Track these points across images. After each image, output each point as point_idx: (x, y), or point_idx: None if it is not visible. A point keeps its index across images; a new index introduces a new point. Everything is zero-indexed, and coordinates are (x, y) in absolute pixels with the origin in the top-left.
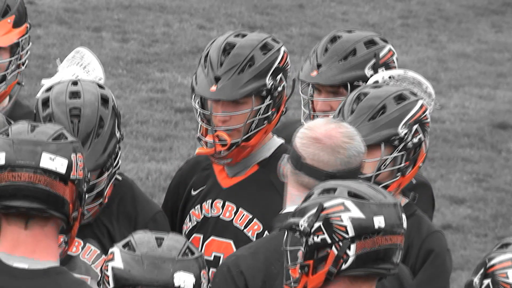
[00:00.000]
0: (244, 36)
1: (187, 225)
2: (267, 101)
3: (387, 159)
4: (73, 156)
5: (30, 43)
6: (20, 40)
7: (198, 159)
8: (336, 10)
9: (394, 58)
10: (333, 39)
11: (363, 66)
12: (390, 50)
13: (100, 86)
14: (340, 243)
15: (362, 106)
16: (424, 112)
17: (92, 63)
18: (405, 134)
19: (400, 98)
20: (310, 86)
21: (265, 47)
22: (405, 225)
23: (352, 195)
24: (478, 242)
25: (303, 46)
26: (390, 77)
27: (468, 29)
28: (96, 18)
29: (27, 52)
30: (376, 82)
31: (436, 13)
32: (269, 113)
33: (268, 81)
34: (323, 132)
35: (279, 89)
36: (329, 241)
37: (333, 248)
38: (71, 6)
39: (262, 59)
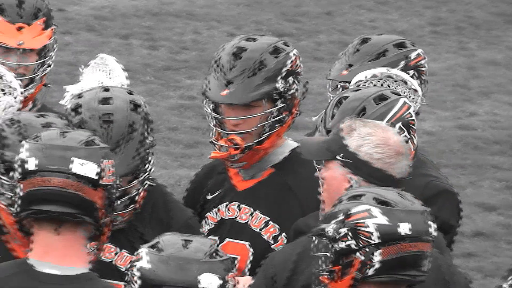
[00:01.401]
0: (254, 40)
1: (204, 229)
2: (279, 104)
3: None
4: (103, 162)
5: (56, 46)
6: (48, 43)
7: (213, 164)
8: (365, 18)
9: (425, 62)
10: (364, 41)
11: (393, 67)
12: (420, 54)
13: (131, 92)
14: (365, 249)
15: (342, 109)
16: (407, 109)
17: (115, 69)
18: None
19: (380, 98)
20: (341, 86)
21: (275, 51)
22: (433, 232)
23: (379, 201)
24: (509, 249)
25: (331, 53)
26: (373, 76)
27: (497, 36)
28: (125, 25)
29: (52, 55)
30: (360, 81)
31: (466, 21)
32: (281, 116)
33: (279, 84)
34: (396, 144)
35: (291, 91)
36: (354, 247)
37: (359, 254)
38: (100, 14)
39: (273, 62)
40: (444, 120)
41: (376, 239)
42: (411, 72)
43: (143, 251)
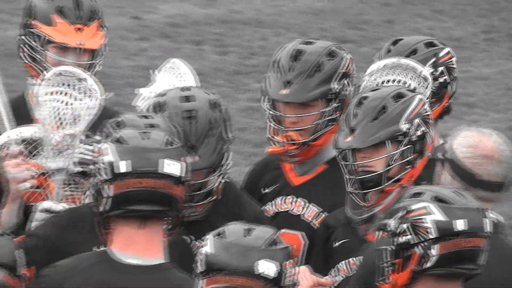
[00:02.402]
0: (311, 43)
1: None
2: (333, 104)
3: (394, 154)
4: (184, 159)
5: (106, 48)
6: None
7: (267, 160)
8: (423, 25)
9: (454, 60)
10: (395, 42)
11: (424, 64)
12: (449, 52)
13: (209, 93)
14: (424, 244)
15: (364, 109)
16: (423, 106)
17: (186, 73)
18: (408, 129)
19: (398, 96)
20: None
21: (331, 54)
22: (488, 228)
23: (437, 199)
24: None
25: None
26: (384, 66)
27: None
28: (197, 32)
29: (103, 54)
30: (373, 71)
31: None
32: (335, 115)
33: (334, 85)
34: (488, 148)
35: (345, 92)
36: (413, 241)
37: (417, 248)
38: (174, 21)
39: (329, 64)
40: (497, 122)
41: (433, 234)
42: (441, 69)
43: (210, 237)
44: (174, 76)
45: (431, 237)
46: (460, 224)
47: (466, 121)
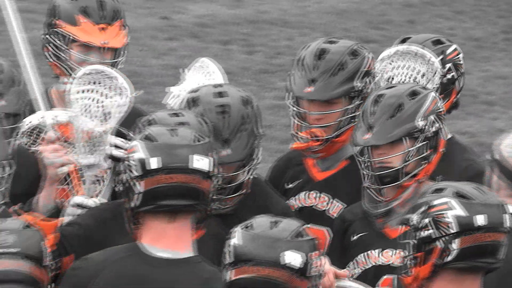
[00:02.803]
0: (334, 42)
1: None
2: (356, 102)
3: (411, 150)
4: (212, 154)
5: (128, 46)
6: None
7: (290, 156)
8: (443, 26)
9: (461, 56)
10: (403, 40)
11: None
12: (456, 49)
13: (240, 90)
14: (445, 238)
15: (381, 106)
16: (437, 102)
17: (215, 71)
18: (423, 125)
19: (413, 94)
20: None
21: (353, 53)
22: (508, 224)
23: (458, 195)
24: None
25: None
26: (395, 52)
27: None
28: (225, 32)
29: (125, 53)
30: (384, 57)
31: None
32: (357, 112)
33: (357, 83)
34: None
35: (367, 90)
36: (435, 236)
37: (439, 242)
38: (202, 21)
39: (352, 63)
40: None
41: (454, 229)
42: (448, 65)
43: (238, 229)
44: (203, 75)
45: (452, 231)
46: (480, 219)
47: (486, 118)
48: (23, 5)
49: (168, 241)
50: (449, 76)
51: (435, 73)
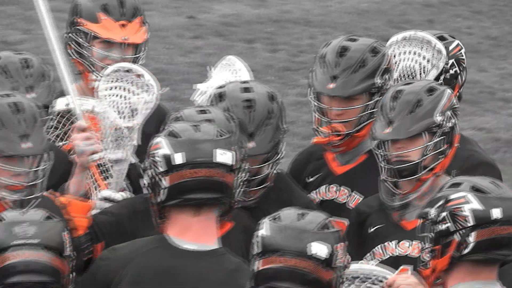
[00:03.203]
0: (355, 40)
1: None
2: (376, 98)
3: (429, 145)
4: (234, 148)
5: (148, 43)
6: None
7: (310, 150)
8: (462, 25)
9: (463, 51)
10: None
11: None
12: (458, 45)
13: (267, 86)
14: (462, 231)
15: (400, 102)
16: (453, 99)
17: (241, 69)
18: (441, 120)
19: (430, 90)
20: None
21: (373, 50)
22: None
23: (475, 189)
24: None
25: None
26: (403, 38)
27: None
28: (249, 31)
29: (145, 49)
30: (392, 42)
31: None
32: (376, 108)
33: (377, 80)
34: None
35: (386, 87)
36: (452, 229)
37: (456, 235)
38: (227, 21)
39: (372, 61)
40: None
41: (471, 222)
42: (451, 61)
43: (266, 221)
44: (230, 72)
45: (469, 225)
46: (496, 213)
47: (503, 115)
48: (53, 4)
49: (194, 233)
50: (452, 71)
51: (440, 59)
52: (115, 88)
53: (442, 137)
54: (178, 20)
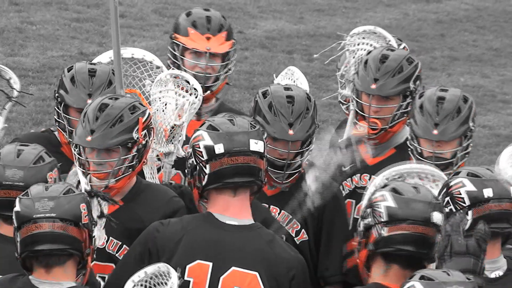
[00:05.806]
0: (393, 50)
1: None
2: (408, 100)
3: (463, 146)
4: (263, 138)
5: (235, 55)
6: (229, 50)
7: (346, 143)
8: (468, 38)
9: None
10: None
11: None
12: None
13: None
14: (461, 211)
15: (444, 108)
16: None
17: (300, 78)
18: (473, 126)
19: (465, 99)
20: None
21: (408, 60)
22: None
23: (470, 175)
24: None
25: (443, 65)
26: (363, 31)
27: None
28: (289, 43)
29: (233, 61)
30: (354, 33)
31: None
32: (408, 108)
33: (411, 85)
34: None
35: (416, 92)
36: (454, 210)
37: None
38: (270, 35)
39: (408, 68)
40: None
41: (467, 202)
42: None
43: (386, 194)
44: (291, 81)
45: (466, 204)
46: (487, 192)
47: (503, 114)
48: (122, 22)
49: (233, 211)
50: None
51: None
52: (166, 91)
53: (471, 140)
54: None
